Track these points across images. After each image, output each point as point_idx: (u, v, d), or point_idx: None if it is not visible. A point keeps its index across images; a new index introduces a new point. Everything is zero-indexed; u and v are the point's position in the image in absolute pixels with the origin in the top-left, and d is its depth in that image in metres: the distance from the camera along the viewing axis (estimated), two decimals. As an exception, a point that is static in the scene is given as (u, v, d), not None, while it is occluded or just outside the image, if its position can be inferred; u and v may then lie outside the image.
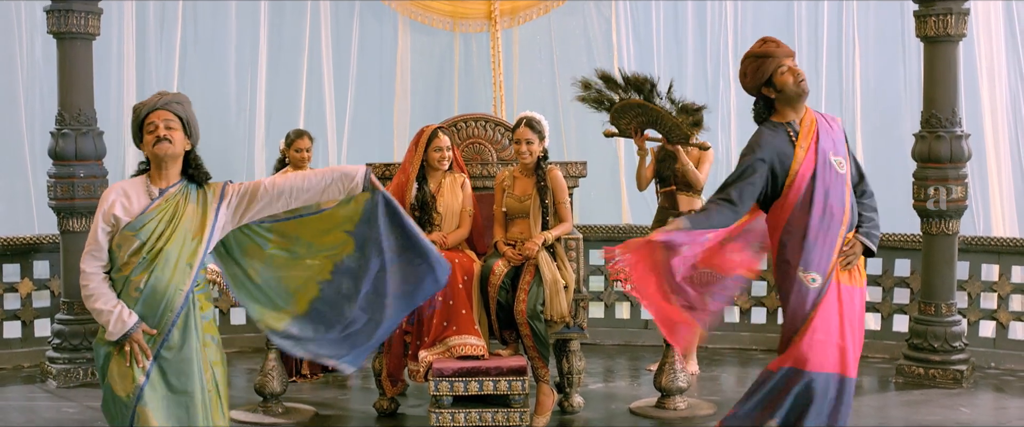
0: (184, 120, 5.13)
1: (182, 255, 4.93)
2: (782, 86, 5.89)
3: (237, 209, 5.05)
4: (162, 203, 5.01)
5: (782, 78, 5.91)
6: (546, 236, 7.42)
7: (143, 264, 4.93)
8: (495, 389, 7.19)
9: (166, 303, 4.86)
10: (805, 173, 5.86)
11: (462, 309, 7.30)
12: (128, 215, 4.98)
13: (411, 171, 7.70)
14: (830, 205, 5.85)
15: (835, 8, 11.85)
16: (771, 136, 5.97)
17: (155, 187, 5.05)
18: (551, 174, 7.59)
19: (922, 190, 8.87)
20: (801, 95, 5.92)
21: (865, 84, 11.78)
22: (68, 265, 9.00)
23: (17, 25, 11.59)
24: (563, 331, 7.54)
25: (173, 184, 5.06)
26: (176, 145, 5.04)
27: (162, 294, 4.87)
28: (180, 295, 4.90)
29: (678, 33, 12.36)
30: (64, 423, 7.77)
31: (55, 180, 8.95)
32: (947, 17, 8.74)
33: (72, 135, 8.91)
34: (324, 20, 12.24)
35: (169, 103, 5.12)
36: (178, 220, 4.99)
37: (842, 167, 5.92)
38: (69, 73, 9.03)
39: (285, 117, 11.85)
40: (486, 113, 9.52)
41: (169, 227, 4.97)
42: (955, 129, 8.79)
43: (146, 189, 5.07)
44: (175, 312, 4.90)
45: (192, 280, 4.93)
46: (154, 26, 11.87)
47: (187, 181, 5.11)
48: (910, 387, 8.51)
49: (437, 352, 7.22)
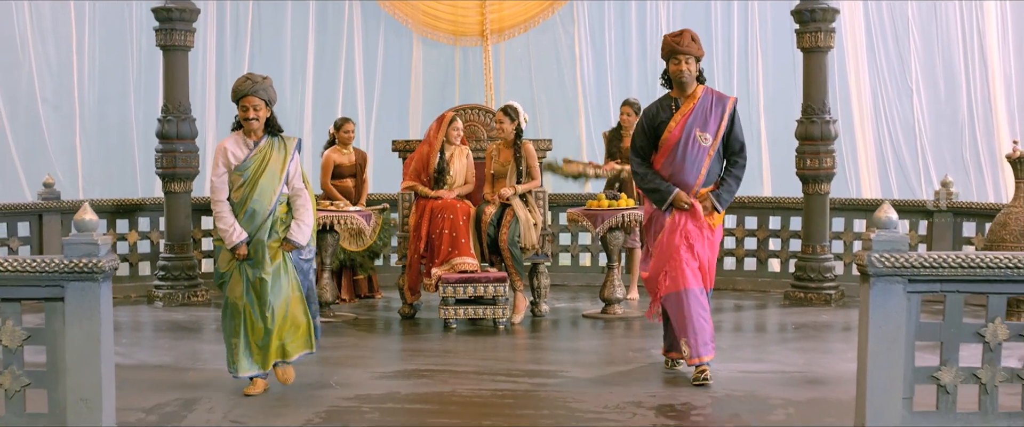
0: (267, 100, 6.44)
1: (270, 185, 6.36)
2: (672, 74, 6.67)
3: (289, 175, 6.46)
4: (256, 153, 6.38)
5: (674, 68, 6.64)
6: (516, 188, 8.91)
7: (245, 191, 6.34)
8: (485, 293, 8.65)
9: (259, 214, 6.30)
10: (672, 139, 6.65)
11: (462, 239, 8.81)
12: (236, 160, 6.38)
13: (436, 144, 9.11)
14: (686, 165, 6.64)
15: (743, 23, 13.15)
16: (654, 108, 6.82)
17: (251, 140, 6.43)
18: (525, 147, 9.03)
19: (802, 161, 9.98)
20: (681, 85, 6.66)
21: (766, 83, 13.11)
22: (170, 216, 10.22)
23: (129, 39, 13.02)
24: (533, 257, 9.02)
25: (261, 139, 6.42)
26: (261, 121, 6.42)
27: (256, 210, 6.31)
28: (266, 210, 6.33)
29: (624, 40, 13.46)
30: (176, 320, 9.22)
31: (161, 154, 10.19)
32: (818, 34, 9.86)
33: (174, 121, 10.13)
34: (357, 35, 13.52)
35: (257, 90, 6.39)
36: (267, 163, 6.38)
37: (706, 141, 6.66)
38: (172, 75, 10.22)
39: (326, 109, 13.14)
40: (479, 103, 10.91)
41: (261, 167, 6.35)
42: (825, 116, 9.95)
43: (244, 142, 6.43)
44: (261, 220, 6.32)
45: (275, 201, 6.35)
46: (230, 40, 13.29)
47: (270, 135, 6.46)
48: (793, 305, 9.88)
49: (444, 269, 8.75)
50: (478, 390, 6.62)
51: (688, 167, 6.59)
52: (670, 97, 6.75)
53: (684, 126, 6.58)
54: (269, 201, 6.35)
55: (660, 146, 6.67)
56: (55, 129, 13.08)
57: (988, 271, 5.08)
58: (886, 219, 5.17)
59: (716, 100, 6.68)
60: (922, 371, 5.17)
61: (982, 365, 5.18)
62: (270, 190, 6.36)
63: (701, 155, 6.61)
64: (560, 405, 6.27)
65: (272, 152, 6.42)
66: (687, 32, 6.65)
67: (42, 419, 5.15)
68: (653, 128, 6.69)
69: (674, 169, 6.63)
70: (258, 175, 6.36)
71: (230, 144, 6.45)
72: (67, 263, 5.00)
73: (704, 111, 6.61)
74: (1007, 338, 5.16)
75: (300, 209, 6.48)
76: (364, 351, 8.01)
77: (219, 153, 6.44)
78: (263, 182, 6.36)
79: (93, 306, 5.05)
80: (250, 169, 6.37)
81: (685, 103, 6.65)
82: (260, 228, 6.35)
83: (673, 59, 6.61)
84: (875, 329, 5.10)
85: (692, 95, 6.65)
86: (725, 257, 10.99)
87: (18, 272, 5.04)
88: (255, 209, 6.35)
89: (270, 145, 6.44)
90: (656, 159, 6.73)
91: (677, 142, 6.60)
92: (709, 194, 6.64)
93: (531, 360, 7.77)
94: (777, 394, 6.46)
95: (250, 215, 6.36)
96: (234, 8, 13.31)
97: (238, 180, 6.38)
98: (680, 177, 6.63)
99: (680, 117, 6.61)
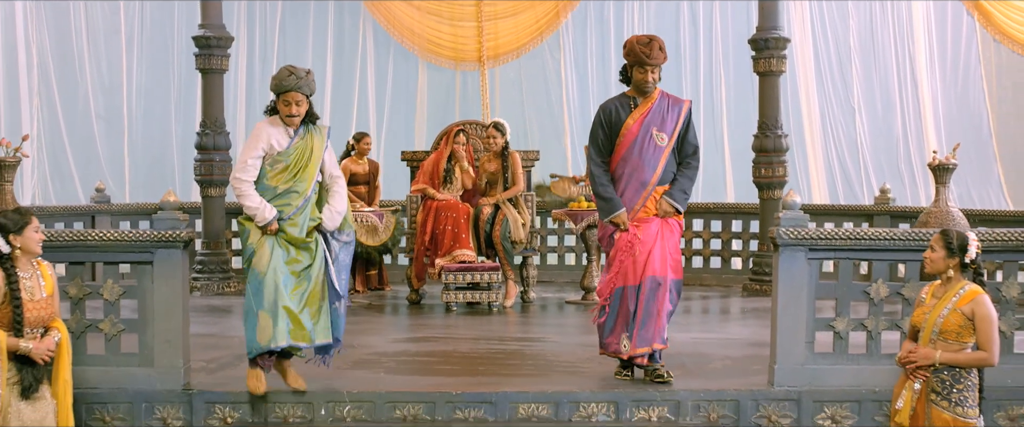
0: (307, 94, 6.22)
1: (311, 172, 6.17)
2: (637, 82, 6.57)
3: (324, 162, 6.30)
4: (299, 141, 6.18)
5: (640, 77, 6.54)
6: (500, 197, 9.85)
7: (287, 176, 6.14)
8: (481, 280, 9.61)
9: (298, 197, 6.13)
10: (630, 136, 6.56)
11: (462, 234, 9.79)
12: (279, 146, 6.16)
13: (444, 152, 10.06)
14: (644, 162, 6.55)
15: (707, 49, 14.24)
16: (613, 105, 6.66)
17: (291, 128, 6.21)
18: (511, 157, 9.90)
19: (758, 170, 10.77)
20: (644, 94, 6.58)
21: (728, 102, 14.26)
22: (207, 217, 11.07)
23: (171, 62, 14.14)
24: (523, 251, 10.02)
25: (300, 127, 6.23)
26: (301, 115, 6.19)
27: (297, 193, 6.13)
28: (306, 194, 6.16)
29: (604, 65, 14.51)
30: (214, 305, 10.18)
31: (200, 163, 11.04)
32: (772, 59, 10.66)
33: (211, 135, 10.98)
34: (370, 60, 14.61)
35: (301, 86, 6.15)
36: (310, 150, 6.20)
37: (663, 140, 6.57)
38: (209, 95, 11.09)
39: (342, 124, 14.15)
40: (477, 120, 11.96)
41: (304, 155, 6.19)
42: (778, 131, 10.75)
43: (285, 130, 6.20)
44: (302, 201, 6.14)
45: (313, 187, 6.20)
46: (259, 63, 14.45)
47: (309, 124, 6.26)
48: (750, 296, 10.79)
49: (446, 259, 9.72)
50: (474, 349, 7.84)
51: (645, 164, 6.55)
52: (627, 96, 6.69)
53: (642, 123, 6.55)
54: (308, 187, 6.22)
55: (618, 143, 6.62)
56: (106, 141, 14.19)
57: (870, 242, 6.36)
58: (792, 202, 6.45)
59: (672, 102, 6.65)
60: (821, 321, 6.45)
61: (868, 316, 6.43)
62: (310, 176, 6.23)
63: (657, 154, 6.56)
64: (541, 358, 7.52)
65: (313, 139, 6.28)
66: (656, 42, 6.56)
67: (134, 358, 6.40)
68: (611, 124, 6.62)
69: (631, 166, 6.58)
70: (301, 163, 6.22)
71: (272, 131, 6.25)
72: (156, 234, 6.25)
73: (661, 112, 6.59)
74: (887, 295, 6.42)
75: (335, 195, 6.35)
76: (379, 325, 9.18)
77: (259, 137, 6.23)
78: (307, 168, 6.22)
79: (175, 268, 6.30)
80: (292, 156, 6.21)
81: (643, 103, 6.61)
82: (300, 212, 6.19)
83: (640, 68, 6.53)
84: (783, 288, 6.36)
85: (650, 96, 6.63)
86: (693, 256, 11.90)
87: (117, 241, 6.30)
88: (296, 193, 6.19)
89: (308, 132, 6.29)
90: (613, 157, 6.67)
91: (635, 139, 6.56)
92: (664, 199, 6.57)
93: (519, 331, 8.94)
94: (719, 353, 7.66)
95: (290, 200, 6.19)
96: (262, 36, 14.48)
97: (279, 166, 6.22)
98: (638, 174, 6.58)
99: (639, 115, 6.58)
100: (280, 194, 6.18)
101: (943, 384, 5.17)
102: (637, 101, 6.61)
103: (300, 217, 6.18)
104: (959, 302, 5.14)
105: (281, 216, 6.14)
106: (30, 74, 13.91)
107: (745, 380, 6.65)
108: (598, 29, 14.72)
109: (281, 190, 6.18)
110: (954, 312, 5.14)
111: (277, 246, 6.15)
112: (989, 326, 5.11)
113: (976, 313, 5.12)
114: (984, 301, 5.12)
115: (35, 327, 5.36)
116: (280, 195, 6.18)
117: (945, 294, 5.21)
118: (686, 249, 11.65)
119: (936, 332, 5.18)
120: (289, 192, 6.18)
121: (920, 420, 5.21)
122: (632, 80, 6.60)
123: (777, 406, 6.36)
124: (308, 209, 6.23)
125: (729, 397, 6.33)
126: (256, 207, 6.12)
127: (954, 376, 5.16)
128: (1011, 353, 6.50)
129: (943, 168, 9.99)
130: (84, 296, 6.36)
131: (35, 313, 5.33)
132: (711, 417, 6.31)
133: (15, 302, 5.27)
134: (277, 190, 6.18)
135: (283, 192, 6.18)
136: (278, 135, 6.21)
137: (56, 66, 14.14)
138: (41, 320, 5.37)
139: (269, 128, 6.23)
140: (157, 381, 6.32)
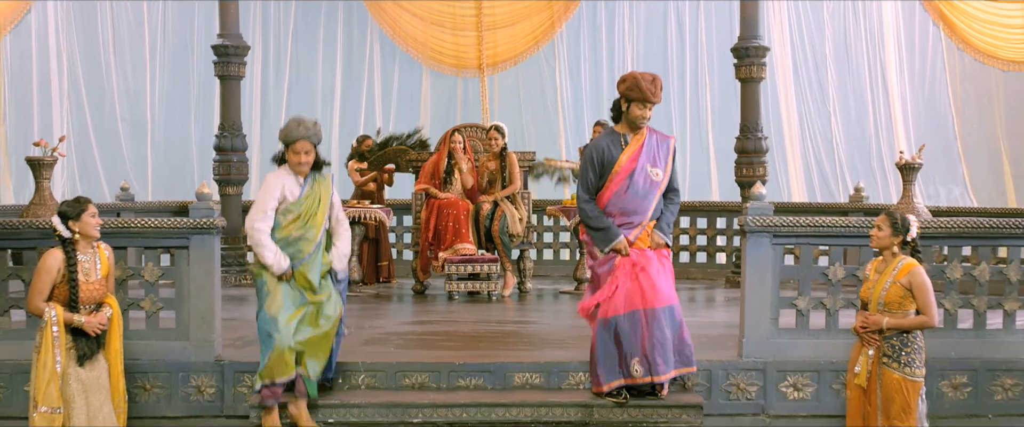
0: (315, 143, 6.39)
1: (320, 218, 6.36)
2: (635, 118, 6.49)
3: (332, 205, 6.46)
4: (309, 189, 6.37)
5: (639, 112, 6.45)
6: (497, 195, 10.36)
7: (299, 224, 6.32)
8: (481, 271, 10.09)
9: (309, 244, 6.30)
10: (624, 172, 6.48)
11: (463, 229, 10.28)
12: (292, 196, 6.32)
13: (443, 154, 10.58)
14: (639, 197, 6.49)
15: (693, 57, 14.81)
16: (604, 143, 6.55)
17: (301, 177, 6.37)
18: (508, 157, 10.41)
19: (740, 170, 11.09)
20: (637, 127, 6.53)
21: (713, 107, 14.85)
22: (224, 214, 10.98)
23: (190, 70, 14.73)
24: (520, 245, 10.56)
25: (309, 176, 6.41)
26: (310, 163, 6.37)
27: (307, 240, 6.31)
28: (316, 241, 6.34)
29: (596, 72, 15.02)
30: (232, 295, 10.56)
31: (218, 163, 11.41)
32: (752, 67, 11.06)
33: (229, 137, 11.35)
34: (376, 67, 15.23)
35: (309, 135, 6.34)
36: (319, 199, 6.38)
37: (658, 176, 6.52)
38: (227, 99, 11.50)
39: (350, 127, 14.79)
40: (477, 122, 12.44)
41: (314, 202, 6.37)
42: (758, 134, 11.09)
43: (296, 179, 6.36)
44: (313, 247, 6.33)
45: (322, 232, 6.38)
46: (272, 70, 15.06)
47: (315, 172, 6.42)
48: (732, 287, 11.12)
49: (449, 253, 10.23)
50: (474, 329, 8.50)
51: (640, 198, 6.49)
52: (617, 133, 6.62)
53: (637, 160, 6.49)
54: (318, 234, 6.38)
55: (609, 179, 6.54)
56: (130, 143, 14.87)
57: (828, 230, 7.04)
58: (758, 194, 7.12)
59: (660, 139, 6.63)
60: (784, 299, 7.10)
61: (826, 295, 7.09)
62: (319, 223, 6.39)
63: (653, 188, 6.52)
64: (536, 336, 8.21)
65: (321, 188, 6.44)
66: (659, 81, 6.51)
67: (172, 333, 7.07)
68: (603, 163, 6.53)
69: (625, 202, 6.50)
70: (311, 210, 6.38)
71: (285, 180, 6.39)
72: (191, 222, 6.91)
73: (652, 149, 6.55)
74: (843, 277, 7.07)
75: (341, 237, 6.54)
76: (387, 311, 9.83)
77: (274, 186, 6.35)
78: (316, 216, 6.39)
79: (209, 252, 6.97)
80: (303, 205, 6.37)
81: (634, 139, 6.56)
82: (311, 257, 6.35)
83: (640, 104, 6.45)
84: (751, 270, 7.02)
85: (640, 132, 6.58)
86: (680, 251, 12.45)
87: (157, 229, 6.96)
88: (307, 240, 6.34)
89: (317, 180, 6.45)
90: (602, 194, 6.58)
91: (629, 174, 6.49)
92: (655, 233, 6.56)
93: (516, 316, 9.57)
94: (697, 332, 8.08)
95: (299, 247, 6.33)
96: (276, 45, 15.09)
97: (290, 215, 6.37)
98: (635, 207, 6.50)
99: (632, 151, 6.52)
100: (292, 242, 6.33)
101: (893, 349, 5.85)
102: (627, 138, 6.54)
103: (313, 262, 6.34)
104: (898, 275, 5.82)
105: (294, 263, 6.30)
106: (61, 80, 14.58)
107: (718, 353, 7.31)
108: (590, 39, 15.22)
109: (293, 238, 6.34)
110: (895, 284, 5.82)
111: (291, 289, 6.33)
112: (925, 293, 5.79)
113: (913, 283, 5.79)
114: (919, 271, 5.81)
115: (88, 304, 5.98)
116: (292, 242, 6.34)
117: (886, 269, 5.89)
118: (673, 245, 11.93)
119: (881, 304, 5.86)
120: (301, 239, 6.34)
121: (874, 382, 5.89)
122: (627, 115, 6.50)
123: (745, 375, 7.02)
124: (320, 254, 6.39)
125: (703, 368, 6.98)
126: (272, 258, 6.27)
127: (902, 340, 5.84)
128: (954, 328, 7.18)
129: (909, 167, 10.55)
130: (127, 278, 7.02)
131: (88, 293, 5.96)
132: (687, 385, 6.94)
133: (71, 283, 5.90)
134: (289, 238, 6.34)
135: (295, 239, 6.34)
136: (290, 185, 6.36)
137: (85, 73, 14.84)
138: (94, 298, 6.00)
139: (281, 178, 6.37)
140: (192, 353, 7.00)
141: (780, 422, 7.02)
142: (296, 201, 6.31)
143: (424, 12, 14.74)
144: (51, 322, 5.85)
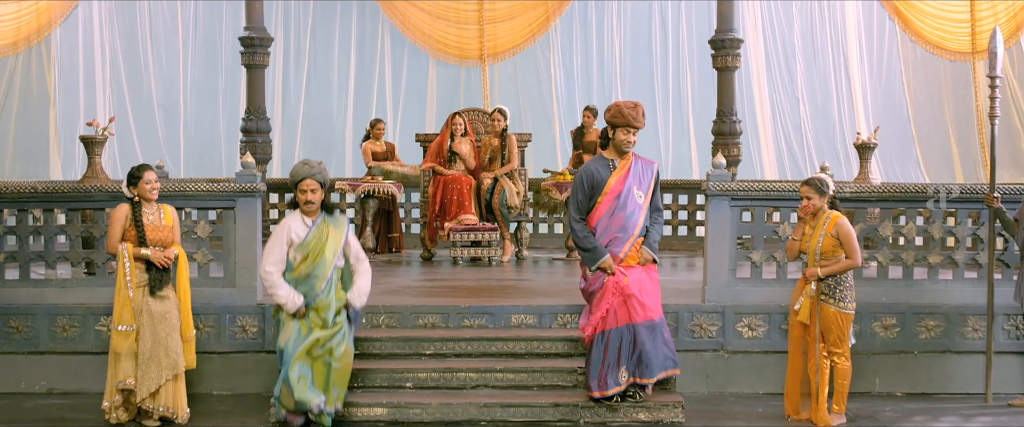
0: (322, 183, 6.53)
1: (329, 257, 6.55)
2: (620, 142, 6.81)
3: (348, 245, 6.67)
4: (316, 230, 6.57)
5: (624, 137, 6.79)
6: (497, 171, 11.13)
7: (308, 263, 6.54)
8: (482, 239, 10.97)
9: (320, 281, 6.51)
10: (612, 194, 6.80)
11: (466, 202, 11.14)
12: (297, 238, 6.55)
13: (446, 135, 11.36)
14: (625, 217, 6.82)
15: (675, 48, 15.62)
16: (593, 167, 6.83)
17: (309, 219, 6.59)
18: (508, 138, 11.28)
19: (716, 151, 11.66)
20: (623, 152, 6.83)
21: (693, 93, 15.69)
22: None
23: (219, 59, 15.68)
24: (517, 217, 11.44)
25: (318, 217, 6.62)
26: (317, 202, 6.55)
27: (318, 277, 6.52)
28: (326, 277, 6.54)
29: (587, 63, 15.87)
30: None
31: (245, 144, 12.31)
32: (728, 57, 11.92)
33: (254, 120, 12.24)
34: (387, 58, 16.05)
35: (314, 174, 6.54)
36: (326, 237, 6.57)
37: (641, 198, 6.86)
38: (253, 86, 12.40)
39: (363, 112, 15.56)
40: (480, 107, 13.36)
41: (321, 241, 6.55)
42: (733, 118, 11.98)
43: (303, 221, 6.60)
44: (325, 283, 6.52)
45: (332, 270, 6.57)
46: (293, 60, 15.88)
47: (325, 213, 6.64)
48: None
49: (453, 223, 11.08)
50: (477, 284, 9.55)
51: (628, 217, 6.77)
52: (604, 158, 6.87)
53: (624, 182, 6.76)
54: (327, 271, 6.53)
55: (599, 200, 6.81)
56: (165, 126, 15.81)
57: (778, 193, 8.06)
58: (718, 163, 8.13)
59: (644, 164, 6.91)
60: (741, 253, 8.12)
61: (777, 250, 8.12)
62: (328, 262, 6.54)
63: (637, 210, 6.83)
64: (530, 289, 9.24)
65: (329, 228, 6.60)
66: (640, 107, 6.79)
67: (220, 281, 8.11)
68: (593, 185, 6.80)
69: (612, 221, 6.78)
70: (319, 248, 6.53)
71: (292, 223, 6.61)
72: (238, 186, 7.92)
73: (637, 173, 6.84)
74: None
75: (361, 275, 6.71)
76: (399, 273, 10.81)
77: (282, 229, 6.59)
78: (323, 254, 6.55)
79: (253, 212, 7.99)
80: (311, 243, 6.53)
81: (621, 163, 6.82)
82: (323, 293, 6.53)
83: (625, 129, 6.70)
84: (713, 228, 8.04)
85: (627, 157, 6.83)
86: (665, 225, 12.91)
87: (207, 191, 7.98)
88: (317, 277, 6.52)
89: (326, 222, 6.62)
90: (592, 215, 6.86)
91: (618, 196, 6.76)
92: (644, 249, 6.90)
93: (514, 276, 10.57)
94: (670, 287, 9.19)
95: (311, 284, 6.52)
96: (296, 39, 15.97)
97: (299, 256, 6.57)
98: (623, 225, 6.78)
99: (620, 174, 6.80)
100: (303, 280, 6.54)
101: (829, 287, 6.90)
102: (615, 163, 6.80)
103: (326, 298, 6.54)
104: (828, 227, 6.87)
105: (308, 300, 6.52)
106: (104, 69, 15.62)
107: (685, 300, 8.34)
108: (582, 32, 16.00)
109: (304, 275, 6.54)
110: (826, 237, 6.86)
111: (304, 323, 6.55)
112: (850, 239, 6.84)
113: (839, 232, 6.84)
114: (843, 221, 6.86)
115: (155, 245, 6.92)
116: (303, 280, 6.55)
117: (818, 224, 6.92)
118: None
119: (818, 254, 6.90)
120: (311, 276, 6.53)
121: (814, 316, 6.90)
122: (613, 140, 6.77)
123: (707, 317, 8.06)
124: (333, 291, 6.58)
125: (671, 311, 8.00)
126: (285, 297, 6.50)
127: (836, 280, 6.92)
128: (886, 279, 8.20)
129: (865, 147, 11.45)
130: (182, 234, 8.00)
131: (154, 234, 6.91)
132: (657, 325, 7.93)
133: (138, 225, 6.88)
134: (300, 277, 6.55)
135: (305, 278, 6.54)
136: (297, 226, 6.57)
137: (125, 63, 15.86)
138: (161, 240, 6.95)
139: (290, 221, 6.62)
140: (238, 298, 8.02)
141: (736, 357, 8.06)
142: (302, 242, 6.50)
143: (431, 8, 15.35)
144: (123, 257, 6.85)
